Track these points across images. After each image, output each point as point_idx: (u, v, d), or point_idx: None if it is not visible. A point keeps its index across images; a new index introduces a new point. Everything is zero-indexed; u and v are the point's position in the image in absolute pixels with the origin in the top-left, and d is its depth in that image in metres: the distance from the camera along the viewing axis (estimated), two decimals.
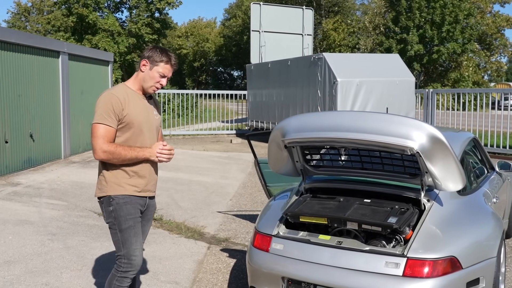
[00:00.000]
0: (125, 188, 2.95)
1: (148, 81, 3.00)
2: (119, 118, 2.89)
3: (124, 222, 2.94)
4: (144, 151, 2.96)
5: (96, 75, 12.87)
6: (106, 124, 2.86)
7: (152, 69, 2.99)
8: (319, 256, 3.21)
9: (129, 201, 2.96)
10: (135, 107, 2.96)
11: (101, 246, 5.17)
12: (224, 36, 60.91)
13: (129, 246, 2.95)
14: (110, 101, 2.88)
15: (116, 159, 2.88)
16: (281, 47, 19.34)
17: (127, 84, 3.05)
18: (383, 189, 3.54)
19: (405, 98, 12.89)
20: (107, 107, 2.87)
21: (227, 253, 5.11)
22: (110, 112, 2.86)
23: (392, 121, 3.19)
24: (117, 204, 2.93)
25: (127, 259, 2.96)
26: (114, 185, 2.95)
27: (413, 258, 2.98)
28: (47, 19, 39.70)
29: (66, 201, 7.04)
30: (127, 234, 2.94)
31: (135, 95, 3.01)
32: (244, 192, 8.19)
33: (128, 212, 2.95)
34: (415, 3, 36.01)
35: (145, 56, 3.01)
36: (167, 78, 3.06)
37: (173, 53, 3.09)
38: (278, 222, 3.55)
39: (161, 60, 2.98)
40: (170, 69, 3.04)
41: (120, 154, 2.87)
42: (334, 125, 3.34)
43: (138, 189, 3.00)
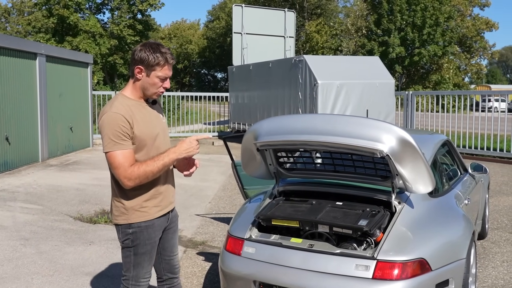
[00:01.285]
0: (148, 213, 2.70)
1: (150, 89, 2.68)
2: (130, 137, 2.59)
3: (142, 247, 2.72)
4: (170, 154, 2.63)
5: (75, 77, 12.72)
6: (122, 149, 2.55)
7: (149, 75, 2.64)
8: (290, 259, 3.20)
9: (151, 225, 2.73)
10: (142, 120, 2.66)
11: (74, 251, 5.10)
12: (207, 38, 60.75)
13: (140, 270, 2.76)
14: (116, 122, 2.55)
15: (146, 178, 2.58)
16: (263, 49, 19.35)
17: (125, 94, 2.69)
18: (355, 191, 3.55)
19: (385, 100, 13.00)
20: (115, 130, 2.54)
21: (203, 257, 5.08)
22: (119, 134, 2.55)
23: (362, 124, 3.20)
24: (139, 227, 2.69)
25: (135, 281, 2.78)
26: (136, 212, 2.68)
27: (382, 260, 2.99)
28: (27, 20, 39.15)
29: (41, 205, 6.93)
30: (142, 259, 2.75)
31: (137, 106, 2.68)
32: (223, 195, 8.16)
33: (148, 236, 2.73)
34: (396, 6, 36.42)
35: (138, 61, 2.62)
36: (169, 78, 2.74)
37: (164, 46, 2.71)
38: (250, 226, 3.53)
39: (157, 63, 2.61)
40: (170, 68, 2.69)
41: (146, 172, 2.56)
42: (306, 128, 3.34)
43: (161, 207, 2.77)
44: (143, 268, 2.77)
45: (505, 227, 6.13)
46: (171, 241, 2.98)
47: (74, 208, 6.88)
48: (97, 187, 8.26)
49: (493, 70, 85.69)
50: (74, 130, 12.32)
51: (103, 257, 4.94)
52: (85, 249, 5.16)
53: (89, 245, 5.30)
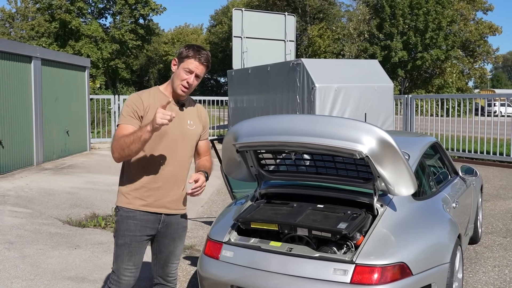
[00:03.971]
0: (130, 201, 2.75)
1: (175, 80, 2.76)
2: (140, 117, 2.70)
3: (121, 237, 2.75)
4: (146, 125, 2.55)
5: (71, 80, 12.69)
6: (125, 123, 2.68)
7: (179, 66, 2.75)
8: (267, 263, 3.12)
9: (132, 216, 2.73)
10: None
11: (59, 254, 5.02)
12: (210, 43, 60.86)
13: (120, 263, 2.76)
14: (132, 101, 2.73)
15: (122, 150, 2.59)
16: (263, 53, 19.27)
17: (160, 88, 2.86)
18: (337, 194, 3.47)
19: (383, 104, 12.88)
20: (131, 107, 2.71)
21: (189, 261, 5.00)
22: (131, 112, 2.70)
23: (341, 125, 3.13)
24: (121, 216, 2.76)
25: (117, 276, 2.78)
26: (121, 196, 2.78)
27: (361, 264, 2.91)
28: (31, 25, 39.37)
29: (31, 209, 6.87)
30: (121, 250, 2.76)
31: (165, 100, 2.69)
32: (217, 199, 8.08)
33: (127, 227, 2.74)
34: (398, 10, 36.35)
35: (176, 55, 2.81)
36: (197, 76, 2.75)
37: (205, 49, 2.81)
38: (230, 229, 3.46)
39: (186, 56, 2.73)
40: (198, 65, 2.73)
41: (124, 142, 2.58)
42: (285, 128, 3.27)
43: (146, 203, 2.75)
44: (122, 262, 2.76)
45: (499, 232, 6.02)
46: (169, 248, 2.93)
47: (64, 211, 6.82)
48: (89, 190, 8.19)
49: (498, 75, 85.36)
50: (71, 134, 12.28)
51: (87, 261, 4.87)
52: (70, 253, 5.08)
53: (74, 249, 5.23)
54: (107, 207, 7.10)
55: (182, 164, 2.85)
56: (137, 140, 2.56)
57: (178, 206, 2.89)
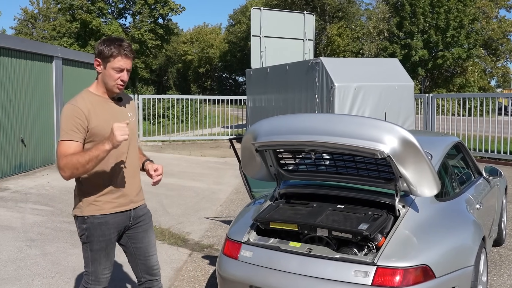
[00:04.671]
0: (101, 207, 2.72)
1: (108, 81, 2.67)
2: (85, 131, 2.62)
3: (96, 243, 2.75)
4: (104, 145, 2.52)
5: (92, 80, 12.73)
6: (69, 140, 2.58)
7: (106, 67, 2.65)
8: (287, 264, 3.09)
9: (105, 222, 2.73)
10: (102, 115, 2.68)
11: (79, 252, 5.01)
12: (228, 42, 61.01)
13: (97, 266, 2.79)
14: (72, 114, 2.60)
15: (75, 168, 2.53)
16: (282, 52, 19.22)
17: (90, 89, 2.73)
18: (358, 194, 3.42)
19: (404, 103, 12.72)
20: (70, 121, 2.59)
21: (208, 260, 4.99)
22: (73, 127, 2.59)
23: (362, 124, 3.07)
24: (92, 223, 2.72)
25: (95, 277, 2.81)
26: (89, 205, 2.71)
27: (383, 266, 2.85)
28: (52, 26, 39.97)
29: (52, 207, 6.95)
30: (97, 255, 2.77)
31: (100, 101, 2.71)
32: (235, 198, 8.06)
33: (102, 233, 2.74)
34: (419, 8, 35.89)
35: (96, 54, 2.67)
36: (128, 71, 2.71)
37: (124, 39, 2.72)
38: (249, 229, 3.43)
39: (111, 55, 2.63)
40: (126, 60, 2.67)
41: (77, 162, 2.51)
42: (305, 128, 3.23)
43: (117, 204, 2.76)
44: (100, 264, 2.79)
45: None
46: (144, 241, 2.94)
47: None
48: None
49: None
50: None
51: None
52: None
53: None
54: None
55: (135, 155, 2.89)
56: (93, 160, 2.54)
57: (141, 197, 2.94)
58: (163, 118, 19.31)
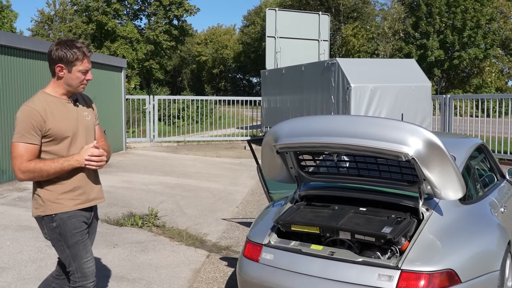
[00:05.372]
0: (64, 205, 2.76)
1: (74, 83, 2.78)
2: (42, 133, 2.69)
3: (70, 238, 2.78)
4: (70, 160, 2.72)
5: (108, 81, 12.91)
6: (26, 142, 2.65)
7: (71, 71, 2.74)
8: (309, 267, 3.06)
9: (74, 215, 2.78)
10: (59, 116, 2.75)
11: (98, 253, 5.07)
12: (243, 43, 61.04)
13: (79, 260, 2.81)
14: (29, 116, 2.66)
15: (38, 177, 2.67)
16: (297, 53, 19.18)
17: (46, 91, 2.80)
18: (380, 197, 3.37)
19: (421, 104, 12.61)
20: (26, 123, 2.65)
21: (226, 262, 4.97)
22: (29, 129, 2.64)
23: (386, 126, 3.03)
24: (61, 219, 2.75)
25: (80, 273, 2.82)
26: (52, 204, 2.75)
27: (407, 270, 2.81)
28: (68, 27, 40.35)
29: None
30: (76, 249, 2.80)
31: (57, 102, 2.77)
32: (251, 199, 8.05)
33: (73, 226, 2.77)
34: (435, 8, 35.54)
35: (56, 60, 2.71)
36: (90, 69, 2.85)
37: (77, 40, 2.82)
38: (270, 231, 3.41)
39: (76, 59, 2.73)
40: (88, 61, 2.80)
41: (41, 170, 2.64)
42: (326, 129, 3.20)
43: (79, 201, 2.81)
44: (82, 258, 2.83)
45: None
46: (90, 240, 3.00)
47: (102, 210, 6.91)
48: (126, 190, 8.30)
49: None
50: (108, 134, 12.39)
51: (125, 260, 4.91)
52: (109, 252, 5.14)
53: (113, 248, 5.28)
54: (143, 206, 7.17)
55: None
56: (58, 172, 2.70)
57: (102, 194, 3.01)
58: (178, 119, 19.38)
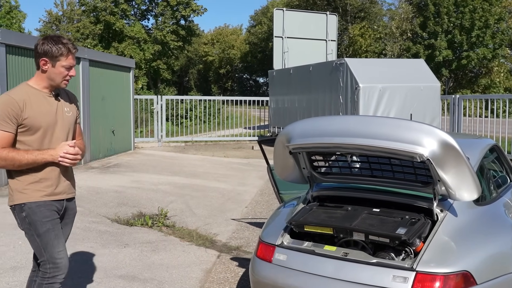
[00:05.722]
0: (30, 195, 2.78)
1: (57, 78, 2.82)
2: (18, 122, 2.73)
3: (40, 226, 2.79)
4: (44, 154, 2.76)
5: (117, 81, 12.96)
6: (0, 129, 2.70)
7: (55, 65, 2.79)
8: (322, 268, 3.05)
9: (42, 204, 2.80)
10: (38, 108, 2.79)
11: (109, 253, 5.10)
12: (249, 43, 61.05)
13: (51, 249, 2.81)
14: (6, 105, 2.71)
15: (10, 165, 2.72)
16: (305, 53, 19.16)
17: (29, 83, 2.86)
18: (394, 198, 3.36)
19: (430, 104, 12.55)
20: (3, 111, 2.70)
21: (236, 262, 4.97)
22: (5, 117, 2.70)
23: (400, 126, 3.01)
24: (30, 208, 2.78)
25: (52, 263, 2.82)
26: (19, 194, 2.79)
27: (422, 272, 2.79)
28: (76, 27, 40.54)
29: (81, 207, 6.99)
30: (47, 237, 2.80)
31: (38, 94, 2.82)
32: (261, 200, 8.04)
33: (43, 215, 2.79)
34: (443, 8, 35.40)
35: (42, 53, 2.77)
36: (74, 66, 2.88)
37: (64, 37, 2.87)
38: (282, 232, 3.41)
39: (60, 54, 2.77)
40: (73, 57, 2.84)
41: (13, 159, 2.69)
42: (340, 130, 3.19)
43: (45, 192, 2.81)
44: (53, 247, 2.82)
45: None
46: (65, 233, 3.00)
47: (112, 210, 6.94)
48: (135, 189, 8.32)
49: None
50: (116, 133, 12.54)
51: (136, 260, 4.92)
52: (120, 252, 5.16)
53: (123, 248, 5.30)
54: (153, 206, 7.19)
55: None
56: (30, 164, 2.75)
57: (72, 189, 3.02)
58: (185, 119, 19.41)
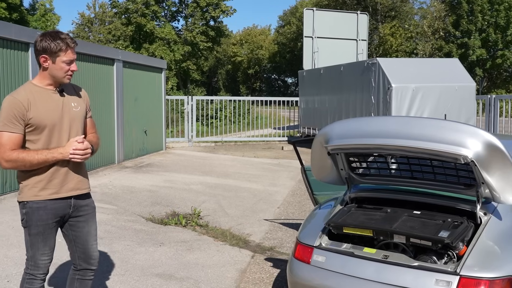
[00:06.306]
0: (38, 194, 2.81)
1: (59, 74, 2.81)
2: (24, 122, 2.74)
3: (34, 228, 2.83)
4: (54, 153, 2.77)
5: (149, 82, 13.14)
6: (9, 131, 2.71)
7: (55, 61, 2.78)
8: (363, 270, 3.02)
9: (43, 207, 2.82)
10: (44, 106, 2.79)
11: (145, 251, 5.18)
12: (278, 43, 60.99)
13: (35, 250, 2.86)
14: (12, 106, 2.72)
15: (22, 166, 2.74)
16: (335, 53, 19.03)
17: (33, 82, 2.86)
18: (435, 200, 3.30)
19: (464, 105, 12.30)
20: (9, 112, 2.71)
21: (271, 263, 4.98)
22: (12, 118, 2.71)
23: (444, 127, 2.96)
24: (30, 208, 2.82)
25: (34, 262, 2.89)
26: (28, 191, 2.82)
27: (466, 276, 2.73)
28: (108, 29, 41.33)
29: (116, 205, 7.16)
30: (35, 239, 2.85)
31: (43, 92, 2.82)
32: (292, 200, 8.03)
33: (39, 218, 2.82)
34: (477, 6, 34.63)
35: (41, 51, 2.76)
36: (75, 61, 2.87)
37: (62, 32, 2.84)
38: (320, 233, 3.39)
39: (59, 49, 2.76)
40: (73, 52, 2.82)
41: (24, 160, 2.71)
42: (381, 131, 3.15)
43: (54, 191, 2.83)
44: (38, 249, 2.86)
45: None
46: (84, 230, 3.00)
47: (146, 209, 7.04)
48: (168, 189, 8.42)
49: None
50: (148, 134, 12.72)
51: (172, 259, 4.98)
52: (155, 250, 5.23)
53: (159, 246, 5.37)
54: (185, 205, 7.26)
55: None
56: (41, 164, 2.76)
57: (84, 185, 3.00)
58: (215, 119, 19.54)
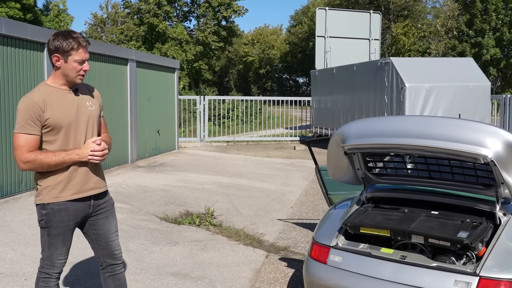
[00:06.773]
0: (59, 195, 2.81)
1: (71, 73, 2.80)
2: (41, 123, 2.74)
3: (54, 229, 2.84)
4: (71, 155, 2.77)
5: (162, 81, 13.19)
6: (26, 133, 2.71)
7: (67, 61, 2.76)
8: (380, 270, 3.00)
9: (65, 209, 2.82)
10: (59, 106, 2.79)
11: (160, 250, 5.20)
12: (289, 43, 60.92)
13: (53, 251, 2.88)
14: (28, 108, 2.72)
15: (40, 167, 2.74)
16: (347, 52, 18.95)
17: (47, 82, 2.85)
18: (453, 200, 3.27)
19: (479, 104, 12.19)
20: (25, 114, 2.71)
21: (285, 263, 4.97)
22: (28, 120, 2.70)
23: (463, 127, 2.94)
24: (51, 209, 2.82)
25: (50, 261, 2.90)
26: (48, 193, 2.81)
27: (486, 277, 2.70)
28: (120, 29, 41.55)
29: (130, 205, 7.19)
30: (54, 240, 2.86)
31: (58, 92, 2.82)
32: (305, 200, 8.01)
33: (61, 219, 2.83)
34: (491, 5, 34.29)
35: (53, 50, 2.76)
36: (87, 60, 2.85)
37: (75, 31, 2.83)
38: (337, 233, 3.37)
39: (71, 48, 2.75)
40: (85, 51, 2.81)
41: (42, 162, 2.71)
42: (398, 130, 3.14)
43: (75, 191, 2.84)
44: (56, 250, 2.88)
45: None
46: (105, 227, 3.02)
47: (160, 208, 7.07)
48: (181, 188, 8.44)
49: None
50: (161, 133, 12.77)
51: (187, 258, 4.99)
52: (170, 249, 5.24)
53: (173, 246, 5.38)
54: (199, 205, 7.28)
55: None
56: (59, 165, 2.76)
57: (102, 184, 3.01)
58: (227, 119, 19.57)
